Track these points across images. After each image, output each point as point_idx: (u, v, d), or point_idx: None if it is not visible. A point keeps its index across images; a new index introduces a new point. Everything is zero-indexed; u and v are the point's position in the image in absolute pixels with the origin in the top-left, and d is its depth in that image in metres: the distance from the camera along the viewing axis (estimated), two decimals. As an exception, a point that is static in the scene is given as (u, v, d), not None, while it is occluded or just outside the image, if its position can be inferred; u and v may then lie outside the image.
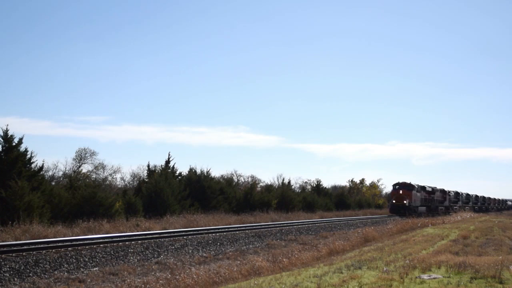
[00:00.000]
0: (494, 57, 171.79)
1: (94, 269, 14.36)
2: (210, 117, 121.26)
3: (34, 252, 14.48)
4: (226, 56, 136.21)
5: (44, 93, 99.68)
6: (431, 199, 57.75)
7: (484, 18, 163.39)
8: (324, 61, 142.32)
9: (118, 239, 18.33)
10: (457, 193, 73.86)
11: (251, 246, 21.14)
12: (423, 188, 54.61)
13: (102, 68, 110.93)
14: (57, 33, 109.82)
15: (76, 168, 41.21)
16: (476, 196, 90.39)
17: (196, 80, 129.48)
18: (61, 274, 13.39)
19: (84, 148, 42.74)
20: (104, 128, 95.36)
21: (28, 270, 13.09)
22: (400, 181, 50.90)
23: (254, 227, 26.33)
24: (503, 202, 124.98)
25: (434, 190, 59.37)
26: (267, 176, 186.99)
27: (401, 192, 49.37)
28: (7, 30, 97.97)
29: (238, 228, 25.03)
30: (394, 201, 49.54)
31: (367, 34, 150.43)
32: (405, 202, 48.54)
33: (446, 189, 65.55)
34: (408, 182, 50.61)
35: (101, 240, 17.61)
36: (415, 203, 50.45)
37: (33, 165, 24.51)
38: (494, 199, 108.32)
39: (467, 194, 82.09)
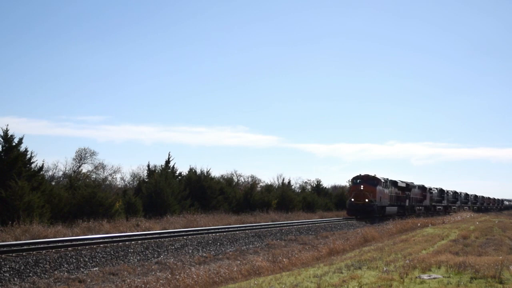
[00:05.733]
0: (494, 57, 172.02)
1: (94, 269, 14.35)
2: (209, 117, 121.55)
3: (34, 252, 14.47)
4: (224, 56, 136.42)
5: (42, 92, 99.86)
6: (405, 197, 48.45)
7: (483, 18, 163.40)
8: (323, 61, 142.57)
9: (118, 239, 18.31)
10: (441, 191, 65.26)
11: (251, 246, 21.13)
12: (393, 183, 45.00)
13: (101, 68, 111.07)
14: (55, 34, 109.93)
15: (76, 168, 41.27)
16: (466, 194, 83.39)
17: (194, 79, 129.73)
18: (61, 274, 13.38)
19: (84, 148, 42.84)
20: (102, 128, 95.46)
21: (28, 270, 13.08)
22: (362, 174, 41.05)
23: (254, 227, 26.31)
24: (500, 201, 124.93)
25: (409, 186, 49.88)
26: (267, 176, 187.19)
27: (362, 187, 39.45)
28: (6, 30, 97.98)
29: (238, 228, 25.01)
30: (353, 199, 39.42)
31: (366, 34, 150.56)
32: (367, 200, 38.81)
33: (426, 185, 57.07)
34: (373, 175, 40.84)
35: (101, 240, 17.59)
36: (381, 202, 40.86)
37: (33, 165, 24.52)
38: (489, 198, 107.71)
39: (455, 192, 74.48)
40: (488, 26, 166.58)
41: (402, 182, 47.63)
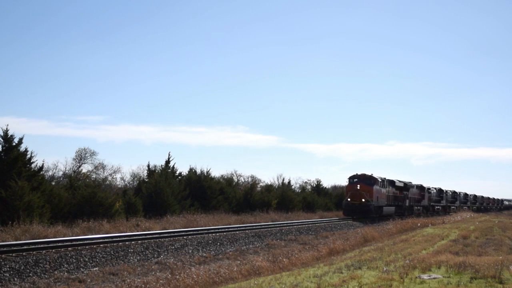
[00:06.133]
0: (494, 57, 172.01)
1: (94, 269, 14.35)
2: (209, 117, 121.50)
3: (34, 252, 14.47)
4: (224, 56, 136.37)
5: (42, 92, 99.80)
6: (403, 197, 47.66)
7: (483, 18, 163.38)
8: (323, 61, 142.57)
9: (118, 239, 18.31)
10: (440, 191, 63.78)
11: (251, 246, 21.13)
12: (391, 182, 44.28)
13: (100, 68, 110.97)
14: (55, 34, 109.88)
15: (76, 168, 41.25)
16: (466, 194, 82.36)
17: (194, 79, 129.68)
18: (61, 274, 13.38)
19: (84, 148, 42.81)
20: (102, 128, 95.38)
21: (28, 270, 13.09)
22: (359, 173, 40.32)
23: (254, 227, 26.31)
24: (500, 201, 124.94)
25: (407, 185, 48.85)
26: (267, 176, 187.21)
27: (358, 187, 38.80)
28: (5, 30, 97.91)
29: (238, 228, 25.02)
30: (349, 199, 38.96)
31: (366, 34, 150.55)
32: (363, 200, 38.13)
33: (425, 185, 55.86)
34: (369, 174, 40.13)
35: (101, 240, 17.60)
36: (378, 202, 39.96)
37: (33, 165, 24.52)
38: (488, 198, 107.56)
39: (454, 192, 73.00)
40: (488, 26, 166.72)
41: (399, 181, 46.71)
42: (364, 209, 38.03)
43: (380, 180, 40.77)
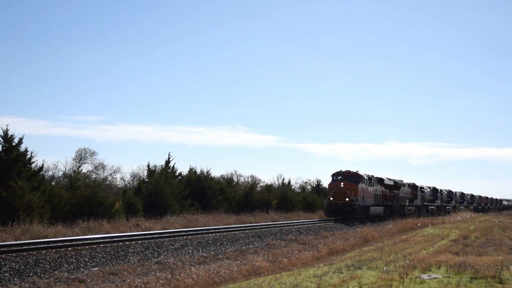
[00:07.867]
0: (495, 56, 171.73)
1: (94, 269, 14.36)
2: (207, 116, 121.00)
3: (34, 252, 14.49)
4: (223, 55, 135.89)
5: (41, 92, 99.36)
6: (393, 196, 44.29)
7: (484, 13, 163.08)
8: (322, 62, 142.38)
9: (118, 239, 18.33)
10: (435, 190, 61.25)
11: (251, 246, 21.14)
12: (380, 180, 41.00)
13: (98, 67, 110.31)
14: (52, 33, 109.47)
15: (76, 168, 41.19)
16: (462, 193, 79.96)
17: (192, 79, 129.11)
18: (61, 274, 13.39)
19: (84, 148, 42.73)
20: (100, 128, 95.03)
21: (28, 270, 13.09)
22: (343, 170, 36.95)
23: (254, 227, 26.34)
24: (499, 201, 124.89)
25: (398, 184, 45.53)
26: (267, 176, 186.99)
27: (342, 185, 35.43)
28: (2, 30, 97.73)
29: (238, 228, 25.04)
30: (331, 199, 35.57)
31: (366, 33, 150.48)
32: (347, 199, 34.95)
33: (418, 183, 52.88)
34: (355, 171, 36.81)
35: (101, 240, 17.62)
36: (364, 201, 36.78)
37: (33, 165, 24.54)
38: (487, 197, 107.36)
39: (449, 191, 70.72)
40: (493, 23, 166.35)
41: (389, 179, 43.68)
42: (347, 209, 35.05)
43: (366, 177, 37.82)
